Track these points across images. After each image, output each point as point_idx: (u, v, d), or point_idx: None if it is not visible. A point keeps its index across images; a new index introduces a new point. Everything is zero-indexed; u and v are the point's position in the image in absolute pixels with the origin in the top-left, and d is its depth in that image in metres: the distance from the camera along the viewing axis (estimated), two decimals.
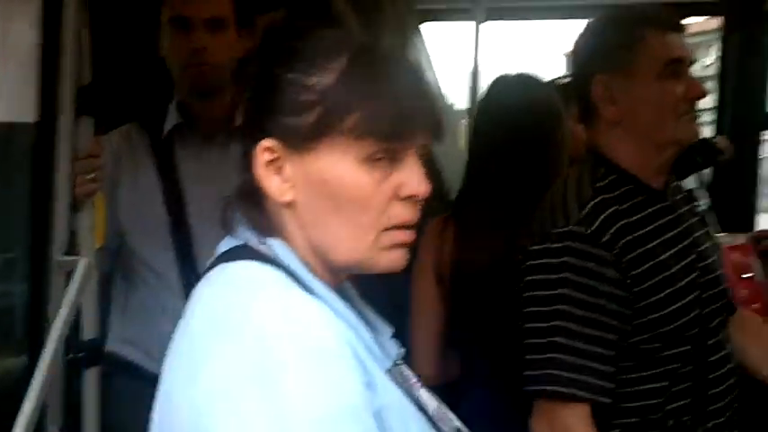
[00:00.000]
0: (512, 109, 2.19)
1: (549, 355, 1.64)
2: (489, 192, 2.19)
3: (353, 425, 0.91)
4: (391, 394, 1.03)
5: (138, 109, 2.28)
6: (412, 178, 1.04)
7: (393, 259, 1.06)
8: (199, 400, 0.93)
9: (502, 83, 2.29)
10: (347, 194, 1.02)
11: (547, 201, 1.78)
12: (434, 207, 2.30)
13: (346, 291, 1.17)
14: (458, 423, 1.17)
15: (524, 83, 2.27)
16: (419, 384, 1.17)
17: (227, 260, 1.06)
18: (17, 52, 1.72)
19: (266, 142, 1.05)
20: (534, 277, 1.70)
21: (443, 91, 2.88)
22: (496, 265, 2.06)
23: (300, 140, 1.03)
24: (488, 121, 2.25)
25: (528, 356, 1.68)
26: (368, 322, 1.15)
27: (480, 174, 2.23)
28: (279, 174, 1.05)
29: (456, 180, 2.35)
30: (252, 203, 1.08)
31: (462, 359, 2.14)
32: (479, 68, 2.87)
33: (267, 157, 1.05)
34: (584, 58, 1.82)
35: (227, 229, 1.10)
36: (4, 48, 1.86)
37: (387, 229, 1.04)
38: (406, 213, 1.05)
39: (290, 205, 1.05)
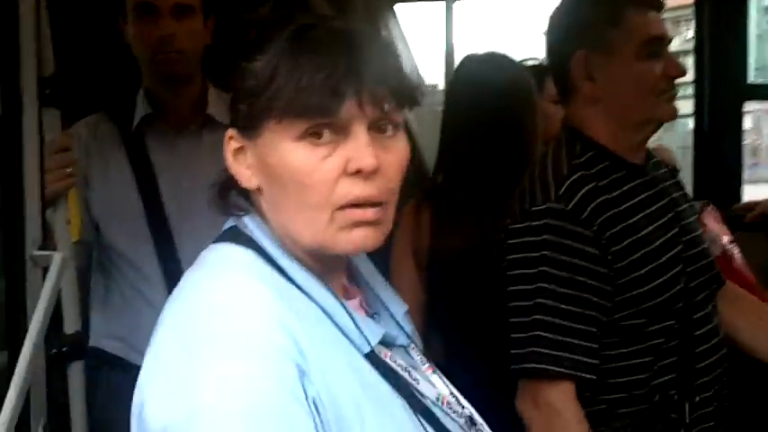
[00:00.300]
0: (483, 89, 2.17)
1: (531, 333, 1.64)
2: (463, 173, 2.17)
3: (266, 418, 0.90)
4: (348, 381, 0.99)
5: (104, 98, 2.25)
6: (357, 152, 0.99)
7: (354, 239, 1.02)
8: (142, 376, 0.98)
9: (470, 63, 2.27)
10: (290, 175, 1.01)
11: (526, 179, 1.76)
12: (414, 190, 2.29)
13: (354, 268, 1.17)
14: (470, 411, 1.15)
15: (494, 62, 2.24)
16: (429, 369, 1.15)
17: (217, 241, 1.09)
18: None
19: (230, 131, 1.07)
20: (515, 256, 1.69)
21: (417, 70, 2.87)
22: (474, 247, 2.05)
23: (248, 126, 1.04)
24: (459, 101, 2.23)
25: (512, 335, 1.68)
26: (377, 302, 1.16)
27: (453, 155, 2.21)
28: (245, 161, 1.07)
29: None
30: (235, 189, 1.10)
31: (445, 342, 2.13)
32: (454, 49, 2.86)
33: (234, 145, 1.07)
34: (561, 34, 1.81)
35: (223, 212, 1.11)
36: None
37: (342, 208, 1.01)
38: (357, 189, 1.00)
39: (258, 191, 1.07)
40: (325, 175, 1.00)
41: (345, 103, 0.98)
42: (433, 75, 3.12)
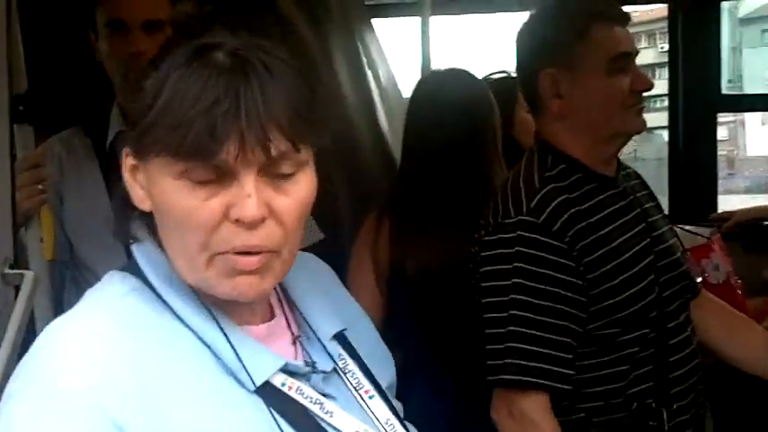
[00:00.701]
0: (444, 104, 2.18)
1: (506, 344, 1.64)
2: (423, 187, 2.17)
3: None
4: (208, 427, 0.91)
5: (78, 114, 2.24)
6: (240, 199, 0.89)
7: (236, 287, 0.92)
8: None
9: (433, 78, 2.29)
10: (169, 211, 0.92)
11: (500, 191, 1.78)
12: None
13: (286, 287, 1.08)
14: None
15: (456, 78, 2.26)
16: (366, 393, 1.05)
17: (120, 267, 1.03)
18: None
19: (126, 149, 0.98)
20: (489, 268, 1.70)
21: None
22: (434, 260, 2.05)
23: (136, 151, 0.95)
24: (420, 116, 2.23)
25: (487, 347, 1.68)
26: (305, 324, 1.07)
27: (413, 169, 2.21)
28: (140, 181, 0.98)
29: None
30: (136, 210, 1.01)
31: (405, 355, 2.11)
32: (431, 64, 2.86)
33: (129, 162, 0.98)
34: (529, 52, 1.82)
35: (120, 239, 1.04)
36: None
37: (223, 253, 0.91)
38: (239, 239, 0.90)
39: (153, 214, 0.98)
40: (205, 218, 0.90)
41: (225, 147, 0.87)
42: (410, 89, 3.12)
